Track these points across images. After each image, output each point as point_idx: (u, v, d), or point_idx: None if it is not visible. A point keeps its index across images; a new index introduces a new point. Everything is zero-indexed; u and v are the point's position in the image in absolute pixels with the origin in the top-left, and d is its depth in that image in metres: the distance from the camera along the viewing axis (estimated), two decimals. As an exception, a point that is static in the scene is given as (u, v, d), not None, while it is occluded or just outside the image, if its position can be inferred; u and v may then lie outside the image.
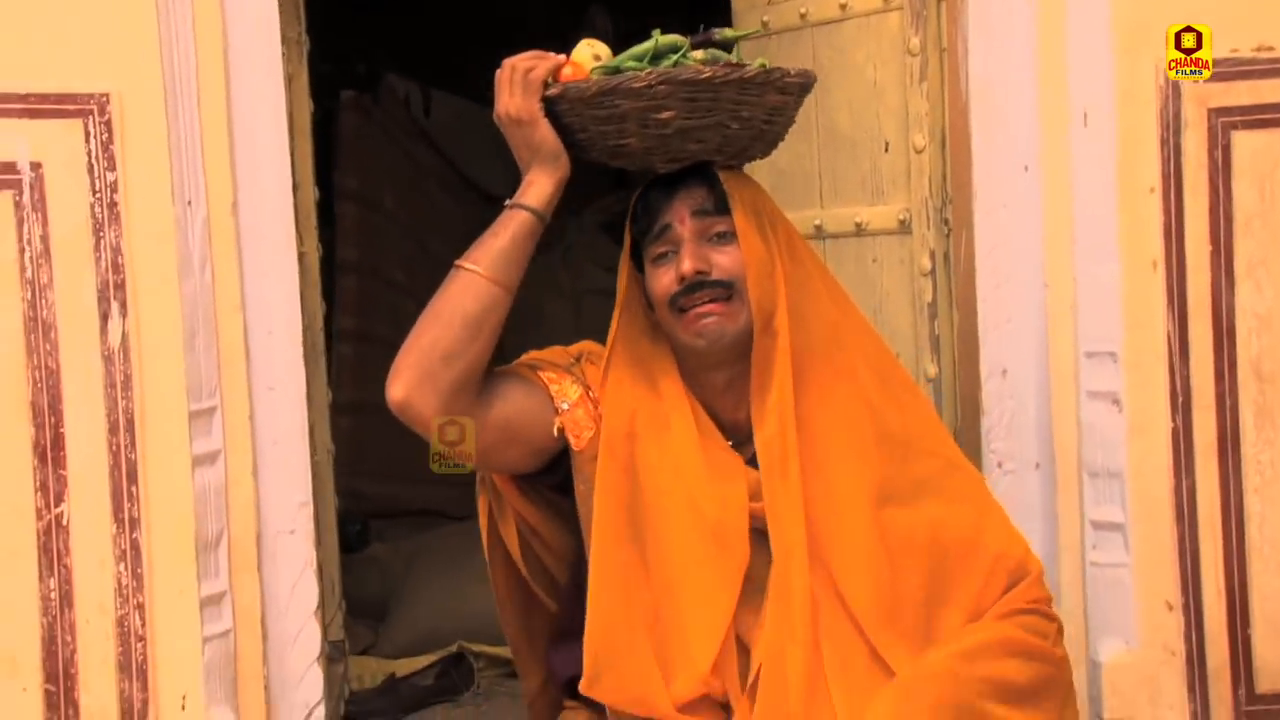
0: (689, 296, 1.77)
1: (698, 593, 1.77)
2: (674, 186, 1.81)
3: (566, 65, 1.71)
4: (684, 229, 1.78)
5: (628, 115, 1.67)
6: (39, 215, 2.03)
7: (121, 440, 2.06)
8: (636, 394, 1.84)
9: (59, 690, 2.06)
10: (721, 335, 1.77)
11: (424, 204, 5.20)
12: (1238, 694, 2.27)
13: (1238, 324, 2.27)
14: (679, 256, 1.78)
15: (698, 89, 1.65)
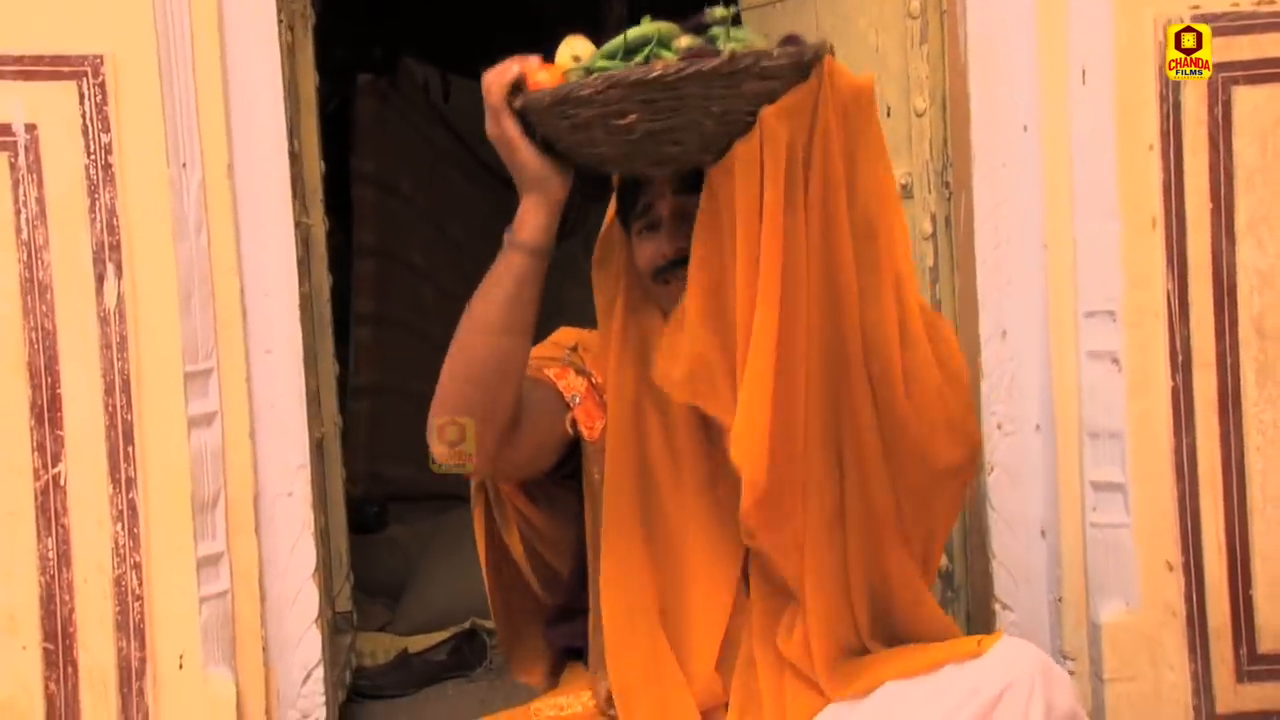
0: (672, 271, 1.78)
1: (701, 586, 1.79)
2: None
3: (541, 70, 1.58)
4: (664, 206, 1.78)
5: (591, 123, 1.52)
6: (34, 177, 2.04)
7: (118, 401, 2.08)
8: (638, 374, 1.84)
9: (57, 648, 2.08)
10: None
11: (442, 189, 5.22)
12: (1239, 654, 2.25)
13: (1239, 281, 2.25)
14: (659, 235, 1.79)
15: (651, 89, 1.47)
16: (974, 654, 1.71)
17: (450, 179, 5.34)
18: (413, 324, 4.75)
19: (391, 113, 4.96)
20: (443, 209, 5.17)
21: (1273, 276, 2.25)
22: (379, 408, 4.47)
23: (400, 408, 4.59)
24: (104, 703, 2.09)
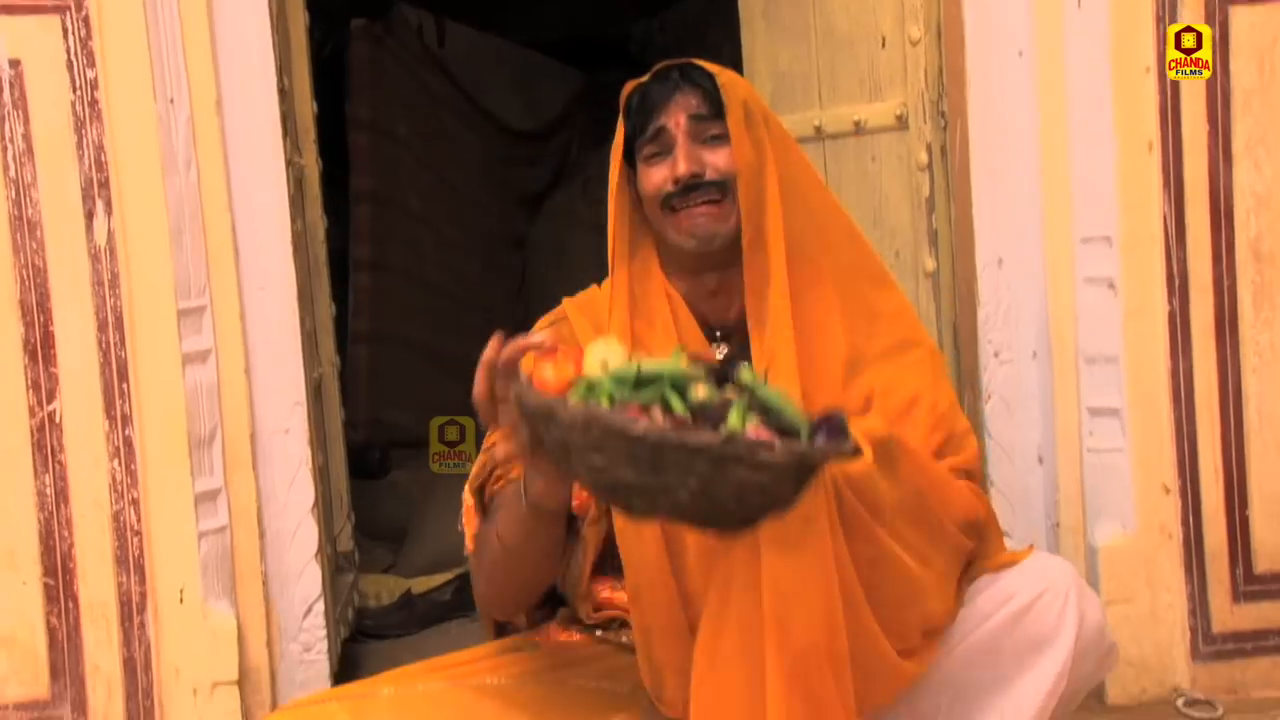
0: (682, 198, 1.78)
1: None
2: (670, 87, 1.80)
3: (547, 366, 1.47)
4: (678, 131, 1.77)
5: (569, 448, 1.39)
6: (20, 113, 2.04)
7: (111, 338, 2.09)
8: (636, 328, 1.82)
9: (58, 583, 2.10)
10: (713, 237, 1.78)
11: (440, 135, 5.21)
12: (1235, 575, 2.27)
13: (1235, 204, 2.24)
14: (673, 158, 1.78)
15: (631, 444, 1.34)
16: (1011, 563, 1.75)
17: (447, 125, 5.33)
18: (411, 270, 4.76)
19: (386, 57, 4.93)
20: (440, 155, 5.17)
21: (1270, 199, 2.25)
22: (378, 354, 4.48)
23: (399, 354, 4.62)
24: (106, 636, 2.11)
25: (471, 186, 5.41)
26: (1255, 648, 2.27)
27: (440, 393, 5.15)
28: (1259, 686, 2.27)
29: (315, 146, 2.85)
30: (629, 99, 1.83)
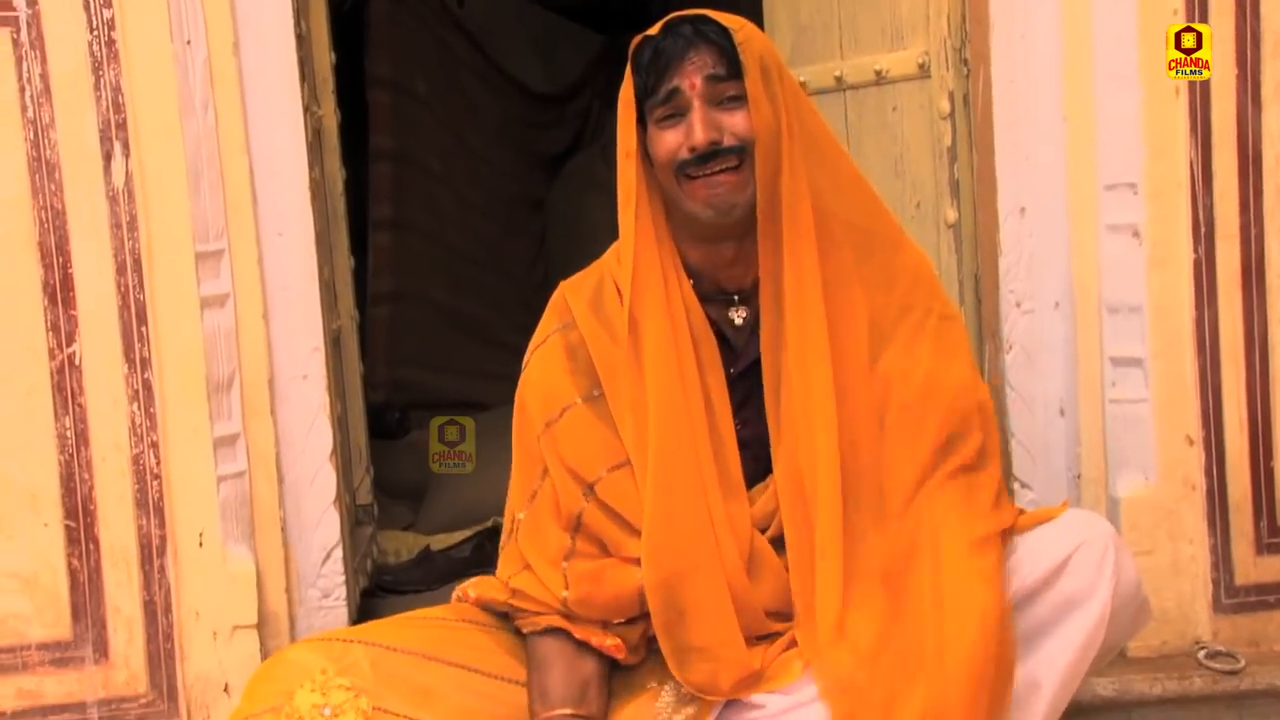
0: (699, 166, 1.73)
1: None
2: (683, 44, 1.74)
3: None
4: (694, 94, 1.72)
5: None
6: (37, 53, 2.04)
7: (130, 281, 2.09)
8: (659, 297, 1.80)
9: (79, 526, 2.11)
10: (732, 207, 1.74)
11: (460, 95, 5.19)
12: (1259, 526, 2.26)
13: (1264, 149, 2.22)
14: (689, 123, 1.72)
15: None
16: (1046, 519, 1.76)
17: (467, 85, 5.31)
18: (431, 230, 4.75)
19: (405, 15, 4.91)
20: (460, 115, 5.15)
21: (1300, 144, 2.23)
22: (399, 313, 4.48)
23: (419, 314, 4.62)
24: (126, 579, 2.12)
25: (491, 148, 5.40)
26: (1278, 600, 2.26)
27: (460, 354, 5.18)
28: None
29: (334, 97, 2.85)
30: (638, 53, 1.77)
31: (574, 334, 1.85)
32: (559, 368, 1.85)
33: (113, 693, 2.13)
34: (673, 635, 1.76)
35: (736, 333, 1.86)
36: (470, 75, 5.38)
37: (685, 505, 1.78)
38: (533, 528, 1.83)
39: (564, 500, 1.81)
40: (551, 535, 1.82)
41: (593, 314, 1.85)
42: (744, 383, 1.84)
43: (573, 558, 1.79)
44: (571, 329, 1.86)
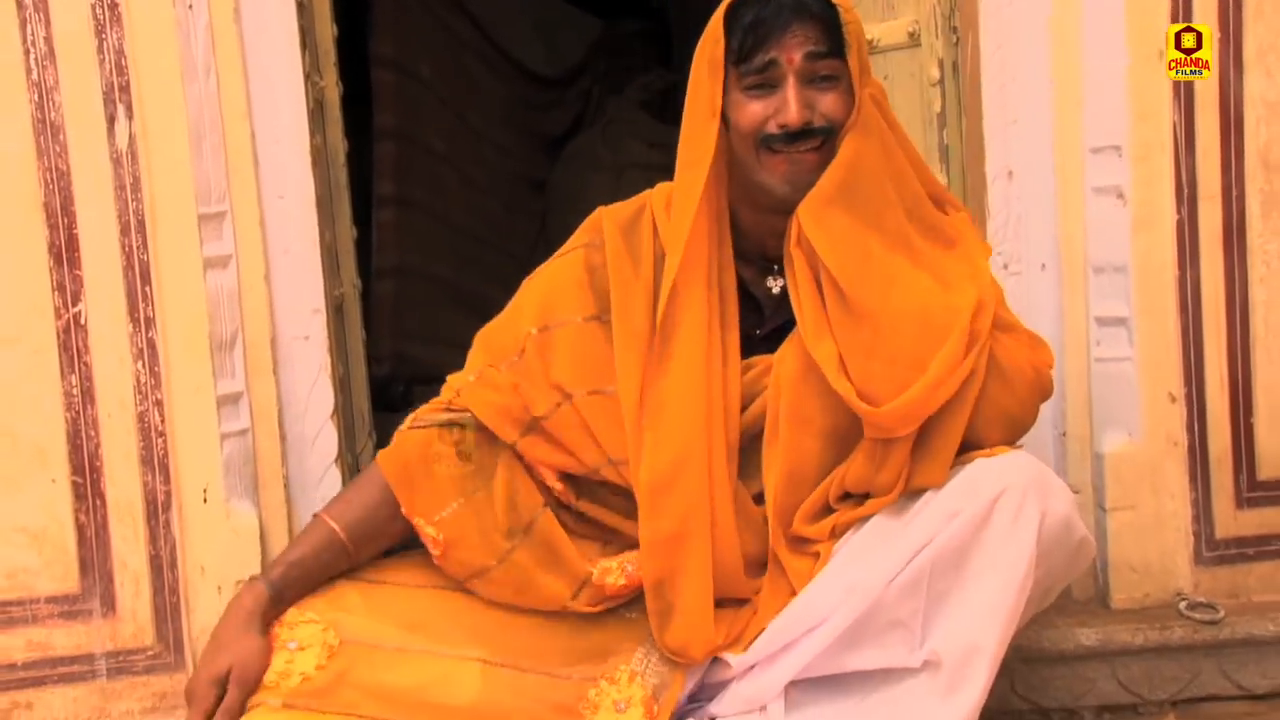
0: (787, 143, 1.74)
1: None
2: (787, 15, 1.73)
3: None
4: (790, 69, 1.73)
5: None
6: (41, 15, 2.04)
7: (133, 241, 2.10)
8: (711, 253, 1.82)
9: (85, 482, 2.12)
10: (808, 185, 1.76)
11: (462, 76, 5.21)
12: (1239, 481, 2.27)
13: (1245, 113, 2.23)
14: (783, 98, 1.74)
15: None
16: (980, 457, 1.76)
17: (470, 67, 5.33)
18: (434, 208, 4.76)
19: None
20: (463, 96, 5.16)
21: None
22: (402, 289, 4.49)
23: (423, 290, 4.63)
24: (132, 534, 2.13)
25: (494, 129, 5.41)
26: (1257, 552, 2.28)
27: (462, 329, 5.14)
28: (1260, 590, 2.28)
29: (336, 70, 2.85)
30: (735, 15, 1.75)
31: (598, 254, 1.88)
32: (573, 280, 1.88)
33: (120, 645, 2.14)
34: (661, 595, 1.80)
35: (768, 297, 1.88)
36: (473, 57, 5.39)
37: (691, 469, 1.80)
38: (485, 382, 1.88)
39: (532, 399, 1.84)
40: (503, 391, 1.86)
41: (622, 239, 1.87)
42: (766, 345, 1.87)
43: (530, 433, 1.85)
44: (598, 249, 1.88)
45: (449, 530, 1.84)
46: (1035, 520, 1.67)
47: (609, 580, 1.83)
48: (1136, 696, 2.21)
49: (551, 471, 1.87)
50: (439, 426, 1.88)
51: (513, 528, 1.84)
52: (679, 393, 1.81)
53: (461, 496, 1.85)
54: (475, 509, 1.85)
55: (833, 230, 1.76)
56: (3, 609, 2.11)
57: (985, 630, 1.67)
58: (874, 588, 1.70)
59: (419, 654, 1.77)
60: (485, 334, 1.94)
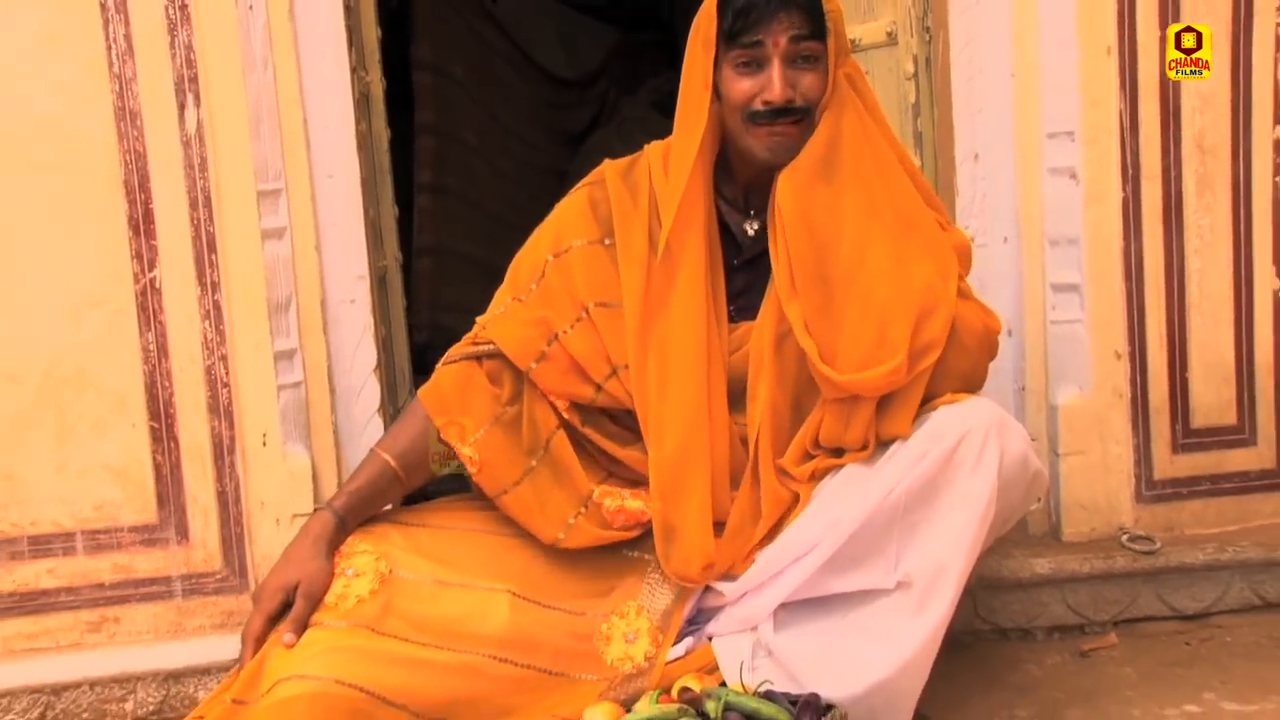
0: (770, 118, 1.77)
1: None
2: (773, 2, 1.74)
3: None
4: (776, 51, 1.75)
5: None
6: (121, 17, 2.06)
7: (201, 215, 2.12)
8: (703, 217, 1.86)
9: (161, 427, 2.14)
10: (790, 153, 1.79)
11: (492, 78, 5.22)
12: (1175, 429, 2.30)
13: (1182, 102, 2.25)
14: (768, 76, 1.76)
15: None
16: (944, 404, 1.78)
17: (499, 71, 5.34)
18: (468, 194, 4.79)
19: (446, 9, 4.94)
20: (493, 96, 5.18)
21: (1213, 98, 2.25)
22: (439, 265, 4.53)
23: (457, 266, 4.66)
24: (202, 473, 2.16)
25: (520, 125, 5.43)
26: (1190, 492, 2.31)
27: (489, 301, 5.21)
28: (1192, 525, 2.31)
29: (380, 67, 2.87)
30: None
31: (600, 190, 1.92)
32: (579, 212, 1.92)
33: (193, 569, 2.16)
34: (664, 509, 1.83)
35: (744, 235, 1.92)
36: (502, 61, 5.40)
37: (690, 397, 1.84)
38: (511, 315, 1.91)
39: (555, 317, 1.87)
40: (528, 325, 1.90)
41: (621, 179, 1.92)
42: (743, 272, 1.91)
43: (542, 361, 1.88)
44: (599, 186, 1.93)
45: (483, 450, 1.87)
46: (995, 458, 1.70)
47: (607, 502, 1.86)
48: (1083, 618, 2.24)
49: (562, 399, 1.90)
50: (469, 360, 1.92)
51: (533, 446, 1.88)
52: (682, 301, 1.84)
53: (491, 420, 1.89)
54: (504, 430, 1.88)
55: (811, 200, 1.78)
56: (92, 536, 2.13)
57: (952, 554, 1.69)
58: (854, 520, 1.73)
59: (455, 588, 1.80)
60: (511, 270, 1.99)
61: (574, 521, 1.86)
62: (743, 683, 1.70)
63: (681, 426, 1.82)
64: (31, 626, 2.13)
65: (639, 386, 1.85)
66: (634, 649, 1.81)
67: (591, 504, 1.86)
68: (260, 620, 1.74)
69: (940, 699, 1.83)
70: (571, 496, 1.87)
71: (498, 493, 1.87)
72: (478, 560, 1.85)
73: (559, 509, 1.86)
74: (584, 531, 1.86)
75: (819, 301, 1.78)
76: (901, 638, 1.69)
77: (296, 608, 1.73)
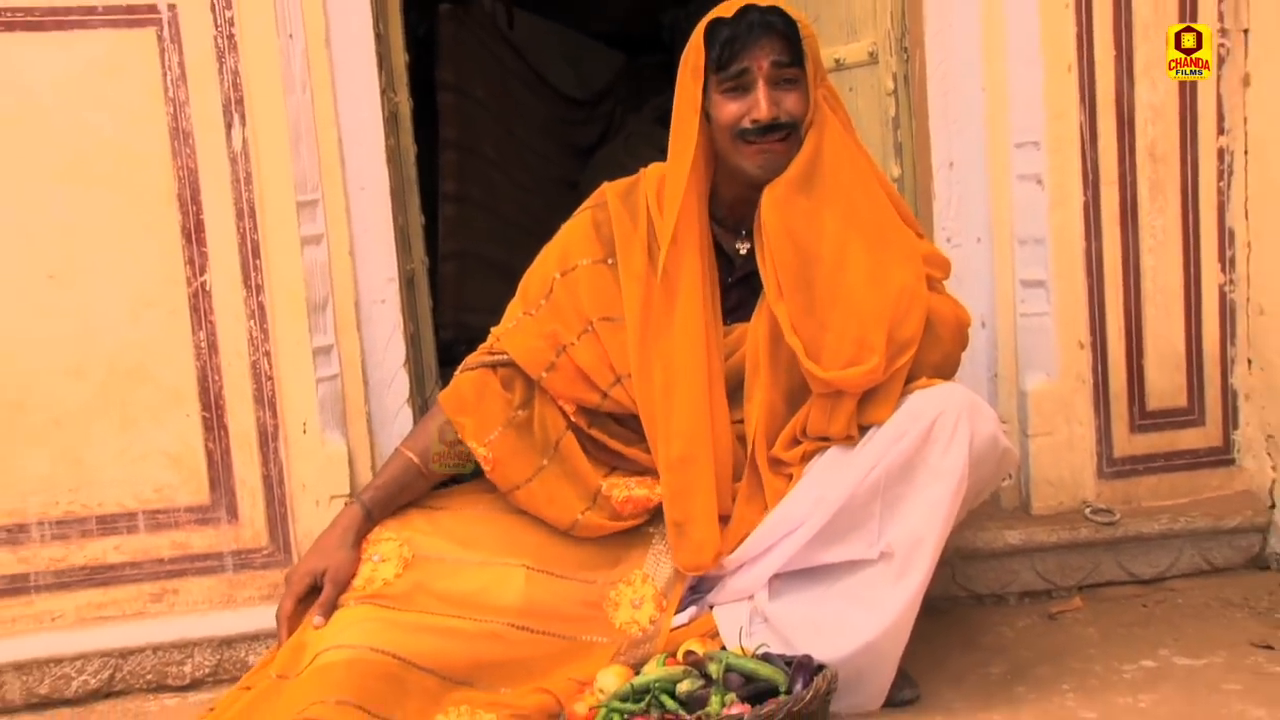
0: (759, 135, 1.78)
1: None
2: (757, 32, 1.77)
3: (579, 703, 1.65)
4: (760, 75, 1.77)
5: None
6: (175, 46, 2.09)
7: (247, 224, 2.13)
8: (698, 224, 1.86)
9: (212, 416, 2.16)
10: (779, 169, 1.80)
11: (509, 97, 5.25)
12: (1133, 411, 2.33)
13: (1136, 115, 2.27)
14: (754, 99, 1.77)
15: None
16: (920, 388, 1.79)
17: (515, 90, 5.36)
18: (488, 203, 4.82)
19: (467, 35, 4.97)
20: (510, 113, 5.20)
21: (1163, 110, 2.28)
22: (462, 268, 4.56)
23: (478, 269, 4.69)
24: (249, 458, 2.17)
25: (535, 139, 5.46)
26: (1146, 468, 2.34)
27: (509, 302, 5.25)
28: (1148, 498, 2.33)
29: (407, 89, 2.90)
30: (713, 32, 1.79)
31: (603, 213, 1.93)
32: (583, 233, 1.93)
33: (242, 546, 2.17)
34: (675, 507, 1.84)
35: (736, 255, 1.92)
36: (518, 82, 5.43)
37: (692, 405, 1.85)
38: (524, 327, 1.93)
39: (562, 330, 1.88)
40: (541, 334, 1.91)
41: (621, 202, 1.92)
42: (736, 289, 1.92)
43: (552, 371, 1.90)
44: (602, 208, 1.93)
45: (496, 450, 1.90)
46: (967, 437, 1.72)
47: (615, 493, 1.88)
48: (1050, 584, 2.26)
49: (570, 404, 1.92)
50: (486, 368, 1.95)
51: (544, 446, 1.90)
52: (682, 317, 1.85)
53: (505, 422, 1.91)
54: (516, 431, 1.91)
55: (793, 211, 1.79)
56: (152, 516, 2.16)
57: (929, 526, 1.71)
58: (839, 498, 1.76)
59: (475, 565, 1.83)
60: (521, 286, 2.01)
61: (582, 516, 1.88)
62: (742, 646, 1.73)
63: (686, 432, 1.84)
64: (101, 597, 2.16)
65: (643, 394, 1.87)
66: (640, 614, 1.84)
67: (601, 497, 1.89)
68: (290, 602, 1.78)
69: (921, 659, 1.86)
70: (581, 491, 1.89)
71: (510, 488, 1.90)
72: (495, 539, 1.88)
73: (569, 503, 1.88)
74: (594, 524, 1.89)
75: (803, 303, 1.80)
76: (885, 603, 1.72)
77: (325, 593, 1.76)
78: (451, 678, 1.72)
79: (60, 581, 2.14)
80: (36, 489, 2.13)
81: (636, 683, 1.63)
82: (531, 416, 1.92)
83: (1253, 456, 2.32)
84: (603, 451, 1.94)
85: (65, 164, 2.10)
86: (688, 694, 1.59)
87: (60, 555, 2.14)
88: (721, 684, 1.59)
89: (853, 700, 1.73)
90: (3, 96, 2.08)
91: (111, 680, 2.11)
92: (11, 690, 2.07)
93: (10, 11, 2.05)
